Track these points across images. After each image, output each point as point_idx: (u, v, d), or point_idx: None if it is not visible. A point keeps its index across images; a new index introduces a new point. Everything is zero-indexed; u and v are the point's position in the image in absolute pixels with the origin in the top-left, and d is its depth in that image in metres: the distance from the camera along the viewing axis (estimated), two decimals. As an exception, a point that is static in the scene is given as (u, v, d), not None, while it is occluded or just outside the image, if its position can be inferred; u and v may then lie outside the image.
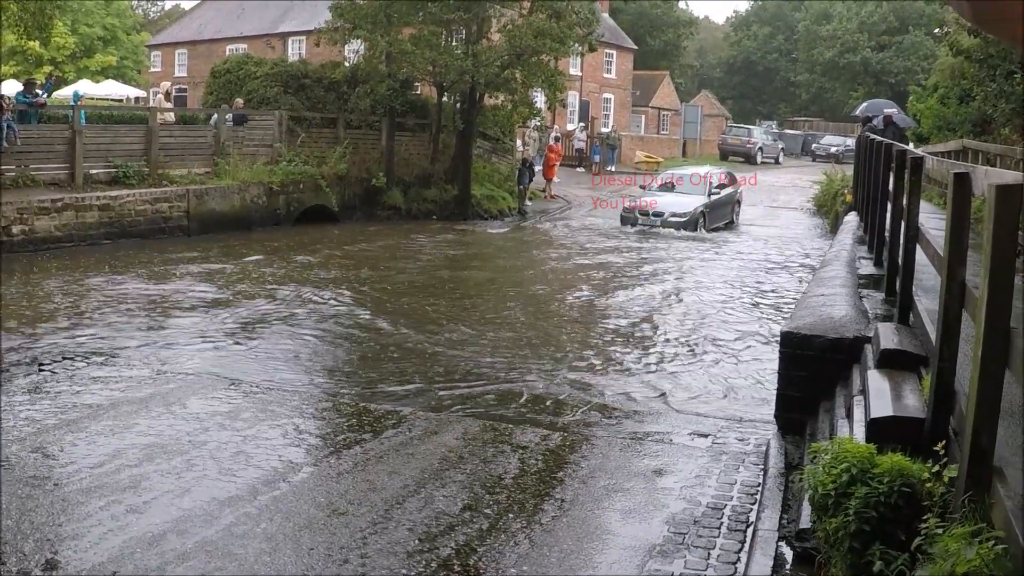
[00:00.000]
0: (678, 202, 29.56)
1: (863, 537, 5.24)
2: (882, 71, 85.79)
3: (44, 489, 7.87)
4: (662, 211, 29.00)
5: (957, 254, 5.56)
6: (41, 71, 54.18)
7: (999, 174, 5.66)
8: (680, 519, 7.72)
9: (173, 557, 6.72)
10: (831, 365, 9.16)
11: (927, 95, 33.15)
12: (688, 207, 29.07)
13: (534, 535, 7.41)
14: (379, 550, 6.98)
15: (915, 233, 8.68)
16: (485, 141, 36.31)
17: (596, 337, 15.14)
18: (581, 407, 11.10)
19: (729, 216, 31.51)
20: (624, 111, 66.10)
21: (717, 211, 30.35)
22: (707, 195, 29.99)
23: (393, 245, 25.00)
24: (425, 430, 10.00)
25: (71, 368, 11.72)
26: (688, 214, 28.73)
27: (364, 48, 31.75)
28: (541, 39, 29.25)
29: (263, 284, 18.18)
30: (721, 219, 30.61)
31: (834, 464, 5.62)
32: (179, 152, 26.07)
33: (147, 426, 9.69)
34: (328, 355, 13.37)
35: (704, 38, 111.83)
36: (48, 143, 22.88)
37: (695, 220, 28.68)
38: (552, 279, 20.88)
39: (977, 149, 21.10)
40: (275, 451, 9.07)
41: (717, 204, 30.40)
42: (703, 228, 28.78)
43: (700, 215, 28.93)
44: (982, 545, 4.16)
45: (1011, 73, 20.97)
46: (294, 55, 50.86)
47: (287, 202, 27.66)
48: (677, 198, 29.99)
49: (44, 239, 20.75)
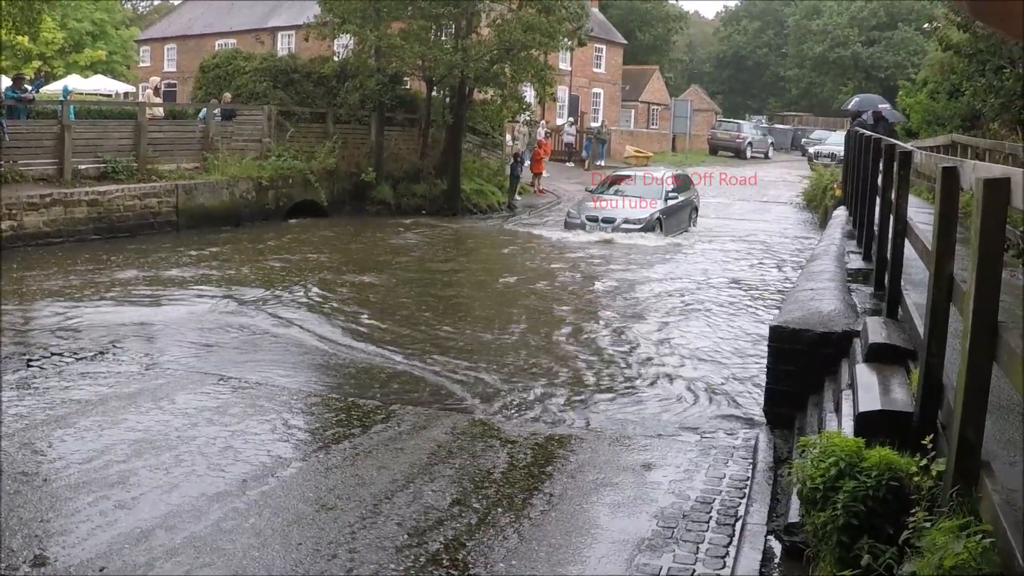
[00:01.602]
0: (633, 206, 26.67)
1: (851, 531, 5.24)
2: (872, 66, 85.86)
3: (32, 485, 7.84)
4: (613, 216, 26.18)
5: (945, 248, 5.57)
6: (30, 66, 53.96)
7: (987, 168, 5.66)
8: (669, 513, 7.72)
9: (161, 553, 6.71)
10: (820, 359, 9.17)
11: (917, 90, 33.27)
12: (643, 212, 26.24)
13: (523, 529, 7.41)
14: (368, 545, 6.98)
15: (903, 227, 8.69)
16: (474, 136, 36.31)
17: (585, 330, 15.14)
18: (569, 404, 11.11)
19: (687, 223, 28.64)
20: (614, 106, 66.05)
21: (674, 217, 27.46)
22: (663, 199, 27.17)
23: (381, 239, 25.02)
24: (414, 425, 9.99)
25: (60, 364, 11.68)
26: (643, 220, 25.90)
27: (353, 43, 31.69)
28: (531, 34, 29.23)
29: (252, 279, 18.15)
30: (678, 226, 27.70)
31: (822, 458, 5.63)
32: (168, 147, 25.98)
33: (136, 422, 9.67)
34: (317, 351, 13.34)
35: (694, 33, 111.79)
36: (37, 138, 22.79)
37: (651, 227, 25.91)
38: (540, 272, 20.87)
39: (966, 144, 21.15)
40: (264, 446, 9.07)
41: (674, 209, 27.58)
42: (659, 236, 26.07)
43: (657, 221, 26.10)
44: (970, 539, 4.16)
45: (1000, 68, 21.00)
46: (283, 50, 50.68)
47: (276, 197, 27.60)
48: (630, 202, 27.02)
49: (33, 235, 20.66)
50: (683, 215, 28.36)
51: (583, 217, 26.66)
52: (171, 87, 57.61)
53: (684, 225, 28.24)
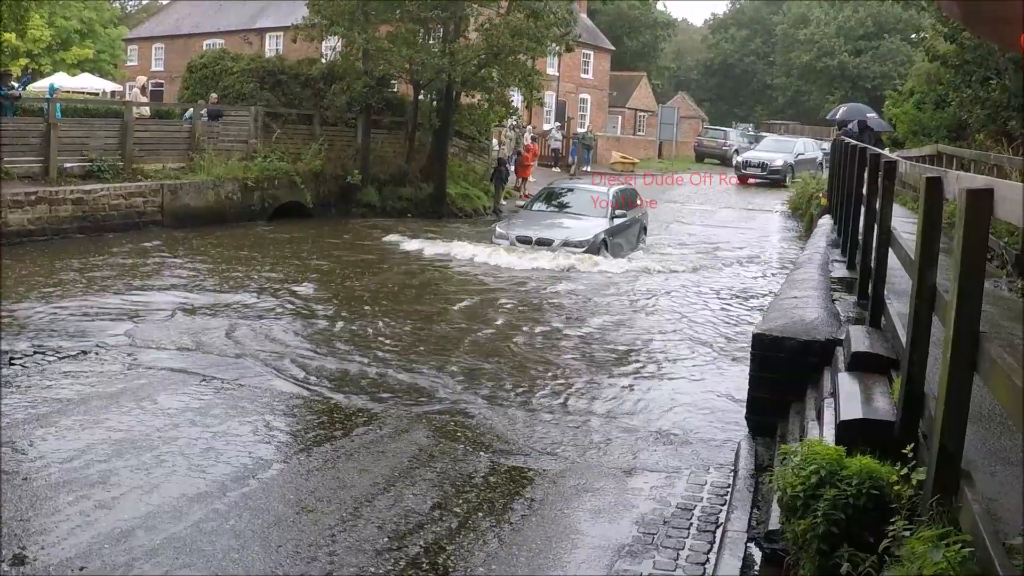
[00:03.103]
0: (573, 225, 23.35)
1: (831, 539, 5.24)
2: (859, 75, 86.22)
3: (12, 484, 7.81)
4: (550, 237, 22.66)
5: (928, 258, 5.59)
6: (17, 63, 53.84)
7: (970, 179, 5.68)
8: (649, 519, 7.74)
9: (141, 553, 6.70)
10: (802, 367, 9.18)
11: (903, 100, 33.40)
12: (586, 232, 22.72)
13: (503, 534, 7.41)
14: (348, 548, 6.97)
15: (887, 236, 8.70)
16: (461, 140, 36.30)
17: (570, 340, 15.14)
18: (552, 411, 11.11)
19: (635, 244, 25.19)
20: (601, 112, 66.19)
21: (621, 237, 23.96)
22: (608, 217, 23.68)
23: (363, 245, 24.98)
24: (396, 428, 9.98)
25: (42, 362, 11.63)
26: (586, 241, 22.34)
27: (341, 45, 31.68)
28: (518, 39, 29.26)
29: (236, 280, 18.09)
30: (626, 247, 24.19)
31: (803, 466, 5.63)
32: (154, 147, 25.93)
33: (117, 421, 9.64)
34: (300, 352, 13.28)
35: (682, 40, 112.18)
36: (22, 136, 22.70)
37: (596, 248, 22.31)
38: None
39: (952, 154, 21.23)
40: (245, 447, 9.05)
41: (621, 229, 24.07)
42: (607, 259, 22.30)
43: (603, 242, 22.61)
44: (949, 548, 4.17)
45: (987, 79, 21.13)
46: (271, 51, 50.67)
47: (262, 198, 27.54)
48: (570, 220, 23.82)
49: (17, 232, 20.56)
50: (631, 235, 25.00)
51: (513, 236, 22.87)
52: (158, 87, 57.59)
53: (632, 246, 24.88)
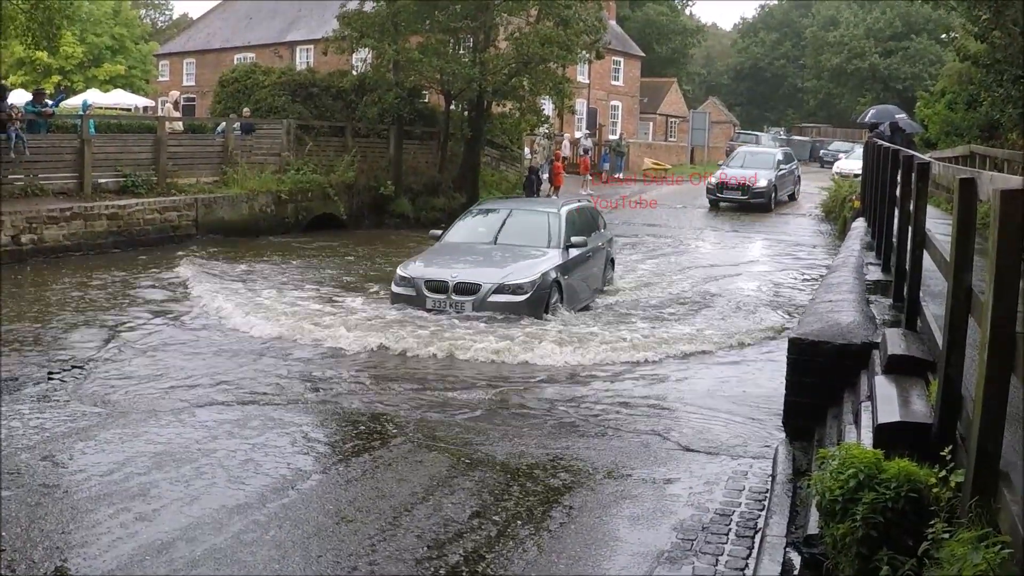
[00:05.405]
0: (511, 261, 16.43)
1: (870, 542, 5.23)
2: (889, 77, 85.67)
3: (53, 497, 7.89)
4: (475, 281, 15.62)
5: (963, 259, 5.56)
6: (49, 81, 54.45)
7: (1004, 179, 5.66)
8: (688, 525, 7.72)
9: (182, 565, 6.74)
10: (839, 371, 9.13)
11: (934, 100, 33.23)
12: (530, 271, 15.90)
13: (542, 541, 7.41)
14: (387, 557, 7.00)
15: (922, 239, 8.66)
16: (493, 149, 36.43)
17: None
18: (593, 414, 11.12)
19: (600, 283, 18.95)
20: (632, 118, 66.09)
21: (577, 274, 17.23)
22: (562, 248, 16.88)
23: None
24: (433, 437, 10.01)
25: (80, 377, 11.75)
26: (528, 285, 15.50)
27: (371, 57, 31.87)
28: (548, 47, 29.31)
29: (270, 291, 18.15)
30: (587, 291, 17.83)
31: (841, 470, 5.61)
32: (187, 161, 26.19)
33: (156, 434, 9.72)
34: (335, 364, 13.34)
35: (711, 45, 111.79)
36: (57, 152, 23.00)
37: (540, 299, 15.59)
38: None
39: (984, 154, 21.11)
40: (284, 459, 9.09)
41: (578, 263, 17.29)
42: (553, 313, 15.74)
43: (552, 285, 15.90)
44: (988, 550, 4.16)
45: (1019, 78, 20.97)
46: (302, 64, 50.91)
47: (296, 211, 27.75)
48: (505, 253, 16.88)
49: (53, 248, 20.83)
50: (592, 271, 18.41)
51: (421, 283, 15.81)
52: (190, 101, 57.93)
53: (596, 286, 18.69)
